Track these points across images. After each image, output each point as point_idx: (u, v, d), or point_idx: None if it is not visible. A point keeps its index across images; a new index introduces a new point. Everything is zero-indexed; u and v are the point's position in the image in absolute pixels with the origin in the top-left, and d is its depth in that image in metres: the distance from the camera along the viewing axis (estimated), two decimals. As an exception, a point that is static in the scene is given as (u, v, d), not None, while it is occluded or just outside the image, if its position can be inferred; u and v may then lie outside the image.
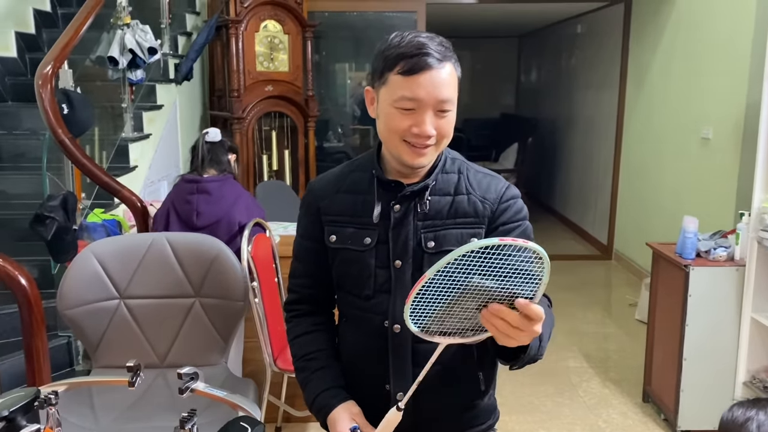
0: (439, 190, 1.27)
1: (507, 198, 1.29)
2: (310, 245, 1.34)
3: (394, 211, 1.26)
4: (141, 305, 1.71)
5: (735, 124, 3.80)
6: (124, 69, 3.62)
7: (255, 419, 1.00)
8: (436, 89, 1.17)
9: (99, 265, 1.69)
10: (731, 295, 2.85)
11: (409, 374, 1.28)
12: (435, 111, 1.18)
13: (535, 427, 3.09)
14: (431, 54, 1.16)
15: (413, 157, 1.22)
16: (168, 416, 1.64)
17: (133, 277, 1.71)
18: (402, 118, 1.19)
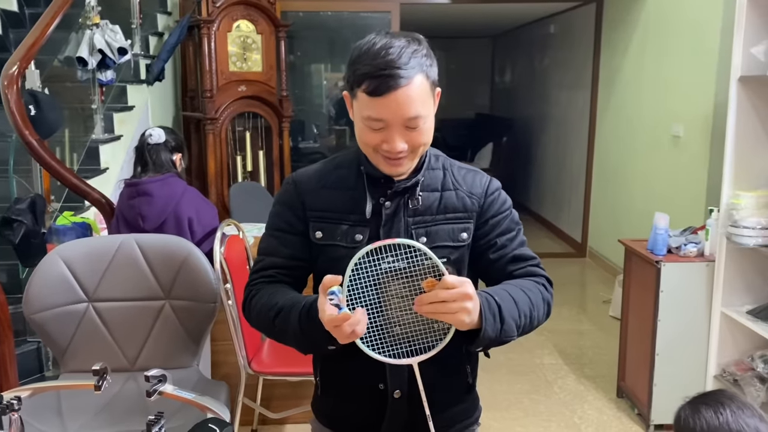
0: (427, 186, 1.28)
1: (492, 191, 1.32)
2: (293, 239, 1.29)
3: (385, 208, 1.26)
4: (110, 308, 1.68)
5: (704, 122, 3.86)
6: (93, 69, 3.56)
7: (224, 421, 0.98)
8: (402, 109, 1.14)
9: (66, 267, 1.66)
10: (701, 290, 2.89)
11: (404, 371, 1.26)
12: (404, 127, 1.17)
13: (511, 425, 3.11)
14: (397, 74, 1.12)
15: (388, 168, 1.22)
16: (138, 420, 1.61)
17: (102, 279, 1.68)
18: (372, 135, 1.18)
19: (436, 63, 1.21)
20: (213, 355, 2.70)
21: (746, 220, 2.63)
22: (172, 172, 2.65)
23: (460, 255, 1.28)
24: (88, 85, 3.65)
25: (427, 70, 1.17)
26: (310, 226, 1.28)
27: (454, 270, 1.16)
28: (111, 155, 3.82)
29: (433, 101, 1.21)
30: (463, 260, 1.29)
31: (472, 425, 1.42)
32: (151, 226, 2.47)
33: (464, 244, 1.28)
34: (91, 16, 3.51)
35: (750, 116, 2.71)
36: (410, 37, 1.18)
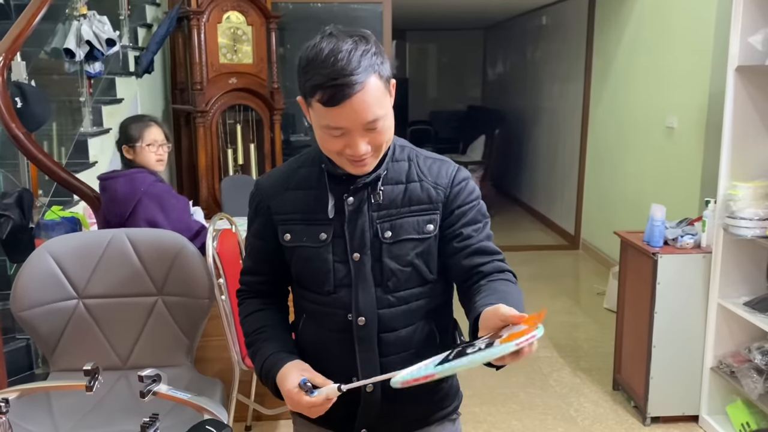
0: (390, 179, 1.26)
1: (458, 181, 1.29)
2: (262, 244, 1.33)
3: (347, 204, 1.25)
4: (101, 305, 1.64)
5: (698, 113, 3.84)
6: (81, 61, 3.49)
7: (221, 422, 0.95)
8: (360, 115, 1.12)
9: (55, 263, 1.61)
10: (698, 282, 2.88)
11: (377, 364, 1.28)
12: (364, 130, 1.15)
13: (507, 418, 3.09)
14: (349, 81, 1.09)
15: (354, 169, 1.21)
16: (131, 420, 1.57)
17: (92, 275, 1.64)
18: (333, 142, 1.17)
19: (386, 58, 1.18)
20: (206, 351, 2.66)
21: (744, 211, 2.61)
22: (139, 168, 2.49)
23: (426, 247, 1.27)
24: (76, 78, 3.58)
25: (379, 69, 1.14)
26: (279, 230, 1.29)
27: None
28: (100, 149, 3.76)
29: (390, 97, 1.19)
30: (431, 252, 1.28)
31: (450, 415, 1.41)
32: (117, 225, 2.32)
33: (430, 236, 1.27)
34: (78, 6, 3.44)
35: (747, 106, 2.69)
36: (357, 36, 1.14)
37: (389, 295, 1.25)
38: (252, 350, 1.32)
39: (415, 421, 1.35)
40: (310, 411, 1.18)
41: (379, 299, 1.25)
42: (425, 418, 1.36)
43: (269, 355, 1.26)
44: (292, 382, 1.18)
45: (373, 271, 1.24)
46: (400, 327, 1.27)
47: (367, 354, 1.26)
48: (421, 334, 1.29)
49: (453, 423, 1.42)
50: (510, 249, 5.88)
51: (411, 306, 1.28)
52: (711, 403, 2.93)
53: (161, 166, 2.57)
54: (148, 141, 2.50)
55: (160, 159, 2.55)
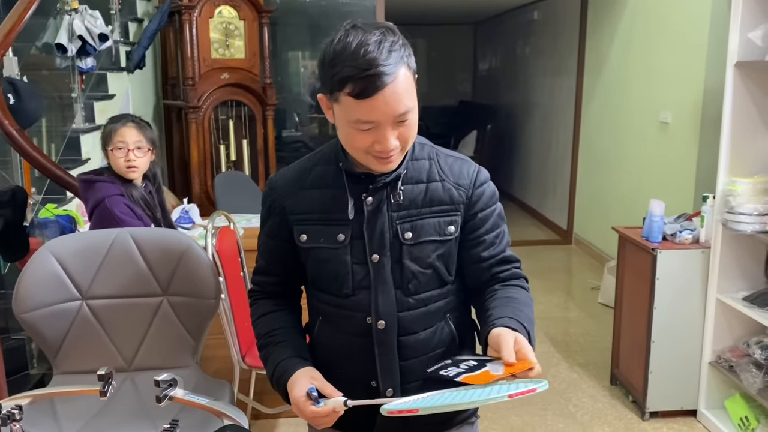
0: (410, 178, 1.23)
1: (480, 182, 1.27)
2: (277, 244, 1.29)
3: (366, 204, 1.21)
4: (105, 306, 1.61)
5: (693, 108, 3.86)
6: (73, 57, 3.44)
7: (242, 427, 0.93)
8: (392, 107, 1.09)
9: (58, 264, 1.58)
10: (697, 277, 2.89)
11: (396, 369, 1.25)
12: (394, 123, 1.12)
13: (506, 414, 3.09)
14: (382, 72, 1.06)
15: (380, 166, 1.18)
16: (138, 423, 1.55)
17: (96, 276, 1.61)
18: (362, 137, 1.13)
19: (412, 51, 1.16)
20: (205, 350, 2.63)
21: (743, 207, 2.62)
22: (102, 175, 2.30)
23: (447, 249, 1.25)
24: (68, 73, 3.53)
25: (408, 60, 1.12)
26: (294, 230, 1.25)
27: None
28: (92, 145, 3.71)
29: (415, 90, 1.16)
30: (451, 254, 1.26)
31: (469, 418, 1.39)
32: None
33: (451, 238, 1.24)
34: (70, 1, 3.38)
35: (746, 102, 2.70)
36: (384, 28, 1.11)
37: (409, 297, 1.23)
38: (264, 354, 1.29)
39: (435, 427, 1.32)
40: (314, 421, 1.16)
41: (399, 302, 1.22)
42: (444, 423, 1.34)
43: (281, 361, 1.23)
44: (300, 390, 1.15)
45: (393, 273, 1.21)
46: (420, 329, 1.25)
47: (386, 357, 1.24)
48: (440, 336, 1.27)
49: (471, 426, 1.40)
50: (503, 244, 5.89)
51: (430, 308, 1.25)
52: (709, 397, 2.94)
53: (133, 174, 2.28)
54: (115, 143, 2.26)
55: (131, 165, 2.26)
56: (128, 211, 2.19)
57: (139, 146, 2.27)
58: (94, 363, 1.59)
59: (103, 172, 2.31)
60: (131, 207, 2.23)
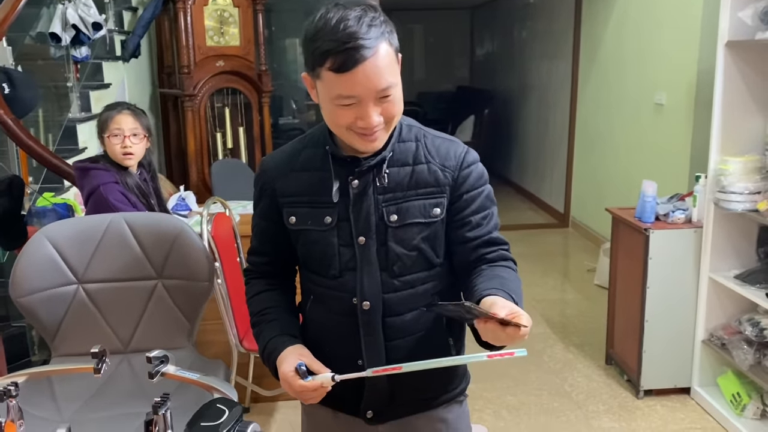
0: (396, 160, 1.23)
1: (467, 164, 1.26)
2: (268, 226, 1.31)
3: (352, 187, 1.22)
4: (101, 289, 1.64)
5: (687, 89, 3.86)
6: (67, 46, 3.45)
7: (232, 400, 0.96)
8: (373, 81, 1.10)
9: (53, 249, 1.60)
10: (689, 257, 2.91)
11: (381, 349, 1.27)
12: (376, 99, 1.13)
13: (502, 394, 3.13)
14: (361, 45, 1.07)
15: (364, 144, 1.18)
16: (134, 403, 1.58)
17: (91, 260, 1.63)
18: (344, 113, 1.13)
19: (394, 28, 1.17)
20: (204, 335, 2.66)
21: (734, 186, 2.64)
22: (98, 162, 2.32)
23: (432, 231, 1.25)
24: (62, 62, 3.54)
25: (389, 37, 1.13)
26: (284, 212, 1.27)
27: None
28: (89, 134, 3.72)
29: (398, 68, 1.17)
30: (438, 236, 1.26)
31: (456, 397, 1.40)
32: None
33: (437, 220, 1.25)
34: (63, -10, 3.39)
35: (737, 81, 2.71)
36: (364, 5, 1.12)
37: (395, 279, 1.24)
38: (256, 331, 1.31)
39: (421, 404, 1.35)
40: (302, 396, 1.18)
41: (384, 284, 1.23)
42: (431, 400, 1.36)
43: (271, 338, 1.26)
44: (289, 366, 1.17)
45: (378, 255, 1.22)
46: (406, 311, 1.26)
47: (371, 338, 1.26)
48: (427, 318, 1.28)
49: (460, 405, 1.42)
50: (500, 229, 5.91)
51: (417, 290, 1.26)
52: (702, 375, 2.98)
53: (129, 161, 2.31)
54: (111, 130, 2.29)
55: (127, 152, 2.28)
56: (123, 198, 2.21)
57: (135, 133, 2.30)
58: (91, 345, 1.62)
59: (98, 160, 2.33)
60: (126, 194, 2.25)
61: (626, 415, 2.92)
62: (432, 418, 1.37)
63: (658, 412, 2.94)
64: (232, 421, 0.90)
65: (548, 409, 3.00)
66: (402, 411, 1.34)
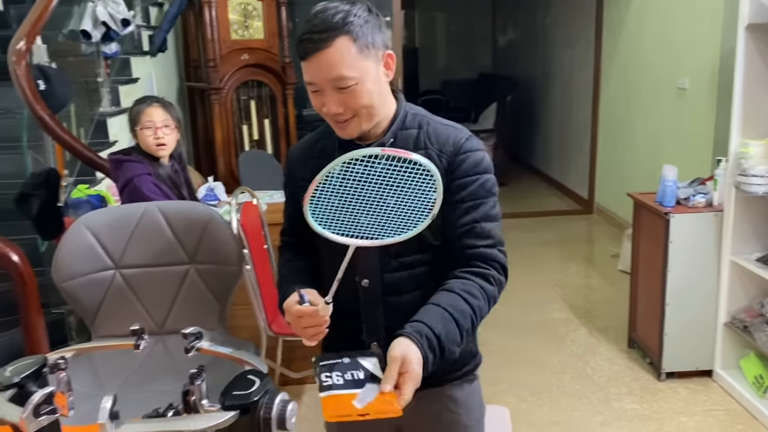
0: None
1: (465, 150, 1.28)
2: (293, 210, 1.40)
3: None
4: (136, 274, 1.73)
5: (710, 73, 3.85)
6: (97, 42, 3.56)
7: (262, 372, 1.03)
8: (323, 71, 1.19)
9: (92, 236, 1.70)
10: (710, 240, 2.93)
11: (380, 325, 1.34)
12: (334, 89, 1.21)
13: (525, 377, 3.18)
14: (315, 38, 1.18)
15: (340, 131, 1.27)
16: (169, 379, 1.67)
17: (127, 247, 1.73)
18: (314, 98, 1.25)
19: (378, 27, 1.23)
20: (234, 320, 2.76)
21: (755, 169, 2.65)
22: (131, 155, 2.40)
23: None
24: (93, 59, 3.65)
25: (355, 32, 1.19)
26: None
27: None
28: (119, 128, 3.84)
29: (373, 64, 1.22)
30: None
31: (465, 376, 1.43)
32: None
33: None
34: (93, -13, 3.49)
35: (758, 64, 2.71)
36: (352, 3, 1.21)
37: (392, 260, 1.29)
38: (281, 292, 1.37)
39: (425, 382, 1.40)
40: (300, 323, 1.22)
41: (382, 263, 1.29)
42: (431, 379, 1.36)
43: (287, 289, 1.32)
44: (293, 297, 1.25)
45: None
46: (405, 292, 1.31)
47: (371, 315, 1.32)
48: (426, 299, 1.27)
49: (470, 383, 1.46)
50: (524, 215, 5.94)
51: (415, 271, 1.31)
52: (725, 357, 3.00)
53: (162, 152, 2.39)
54: (143, 123, 2.37)
55: (160, 143, 2.36)
56: (155, 189, 2.31)
57: (166, 124, 2.39)
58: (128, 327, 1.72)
59: (131, 152, 2.43)
60: (158, 185, 2.34)
61: (648, 397, 2.96)
62: (441, 395, 1.41)
63: (680, 394, 2.97)
64: (262, 390, 0.97)
65: (570, 391, 3.04)
66: None
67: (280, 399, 0.97)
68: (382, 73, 1.26)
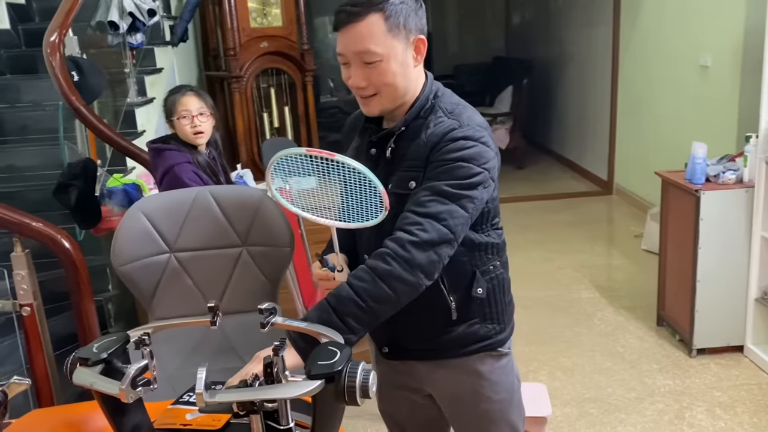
0: (408, 135, 1.34)
1: (448, 139, 1.28)
2: None
3: (371, 154, 1.38)
4: (191, 257, 1.77)
5: (734, 50, 3.84)
6: (124, 33, 3.59)
7: (341, 343, 1.07)
8: (352, 43, 1.26)
9: (147, 221, 1.74)
10: (741, 216, 2.94)
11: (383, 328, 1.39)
12: (361, 63, 1.28)
13: (556, 356, 3.22)
14: (348, 10, 1.25)
15: (363, 107, 1.35)
16: (227, 358, 1.73)
17: (181, 231, 1.76)
18: (343, 70, 1.32)
19: (415, 10, 1.28)
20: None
21: (787, 144, 2.66)
22: (169, 143, 2.41)
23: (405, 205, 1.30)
24: (119, 49, 3.68)
25: (390, 10, 1.24)
26: None
27: None
28: (146, 118, 3.88)
29: (402, 45, 1.27)
30: None
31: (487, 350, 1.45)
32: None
33: (409, 192, 1.31)
34: (119, -21, 3.52)
35: (788, 39, 2.71)
36: None
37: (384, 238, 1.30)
38: None
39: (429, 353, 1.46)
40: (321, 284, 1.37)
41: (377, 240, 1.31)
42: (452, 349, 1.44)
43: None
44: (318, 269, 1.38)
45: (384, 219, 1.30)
46: None
47: None
48: None
49: (497, 359, 1.46)
50: (543, 198, 5.96)
51: None
52: (756, 333, 3.02)
53: (201, 139, 2.41)
54: (179, 113, 2.38)
55: (198, 131, 2.38)
56: (195, 177, 2.34)
57: (201, 112, 2.41)
58: (184, 309, 1.77)
59: (169, 141, 2.46)
60: (197, 173, 2.38)
61: (680, 373, 2.99)
62: (464, 366, 1.45)
63: (711, 369, 3.00)
64: (344, 359, 1.01)
65: (602, 368, 3.08)
66: (412, 354, 1.48)
67: (362, 368, 1.01)
68: (410, 57, 1.30)
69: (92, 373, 1.06)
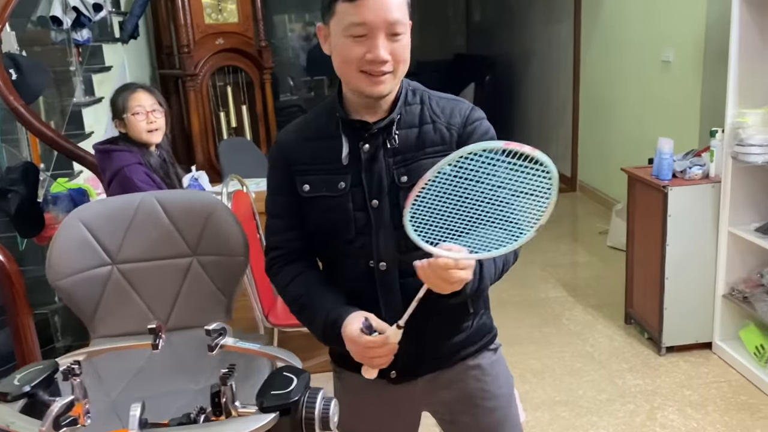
0: (404, 123, 1.25)
1: (473, 120, 1.28)
2: (287, 199, 1.30)
3: (363, 151, 1.24)
4: (135, 269, 1.63)
5: (695, 45, 3.83)
6: (68, 29, 3.40)
7: (298, 368, 0.95)
8: (383, 10, 1.14)
9: (86, 230, 1.59)
10: (708, 212, 2.91)
11: (399, 309, 1.25)
12: (386, 34, 1.16)
13: (525, 358, 3.15)
14: None
15: (372, 87, 1.19)
16: (178, 378, 1.59)
17: (124, 240, 1.62)
18: (354, 46, 1.16)
19: None
20: (228, 313, 2.68)
21: (753, 138, 2.63)
22: (127, 144, 2.30)
23: None
24: (64, 46, 3.49)
25: None
26: (297, 181, 1.27)
27: None
28: (94, 119, 3.69)
29: (409, 25, 1.20)
30: None
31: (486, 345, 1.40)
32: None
33: None
34: (61, -29, 3.33)
35: (752, 33, 2.69)
36: None
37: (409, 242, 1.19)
38: (305, 316, 1.28)
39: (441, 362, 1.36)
40: (370, 354, 1.16)
41: (399, 244, 1.22)
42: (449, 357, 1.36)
43: (330, 309, 1.23)
44: (356, 327, 1.16)
45: (392, 217, 1.23)
46: None
47: (389, 298, 1.26)
48: None
49: (494, 353, 1.43)
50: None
51: None
52: (724, 329, 3.00)
53: (155, 137, 2.32)
54: (133, 109, 2.28)
55: (152, 128, 2.30)
56: (147, 179, 2.20)
57: (155, 108, 2.31)
58: (129, 325, 1.63)
59: (117, 141, 2.31)
60: (149, 175, 2.24)
61: (650, 372, 2.94)
62: (465, 367, 1.38)
63: (681, 367, 2.96)
64: (301, 388, 0.90)
65: (572, 370, 3.02)
66: (424, 369, 1.36)
67: (322, 396, 0.90)
68: None
69: (11, 411, 0.92)
